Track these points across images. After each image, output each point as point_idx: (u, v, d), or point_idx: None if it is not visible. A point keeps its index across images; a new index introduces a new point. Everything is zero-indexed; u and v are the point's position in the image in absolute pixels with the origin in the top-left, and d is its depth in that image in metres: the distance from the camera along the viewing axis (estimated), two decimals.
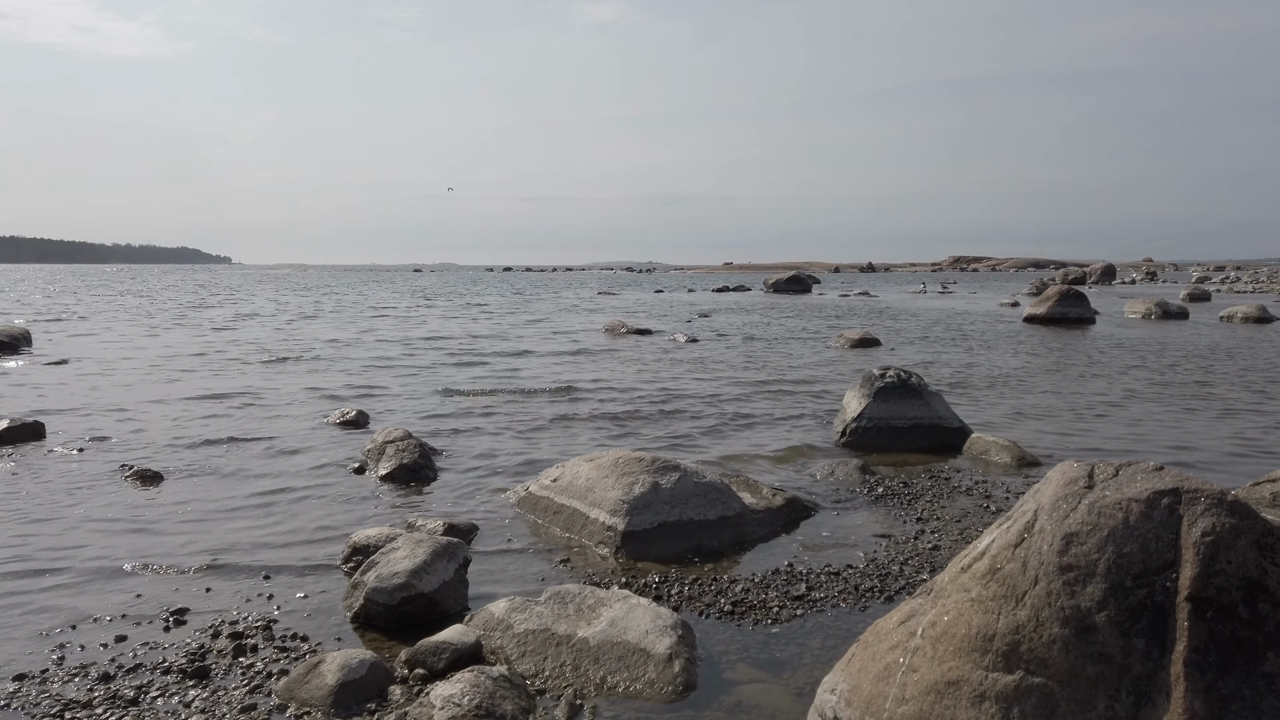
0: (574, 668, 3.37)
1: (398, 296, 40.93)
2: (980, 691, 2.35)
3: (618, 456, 5.41)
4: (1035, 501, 2.59)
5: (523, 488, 5.85)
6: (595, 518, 5.03)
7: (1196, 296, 32.52)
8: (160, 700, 3.21)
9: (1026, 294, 38.02)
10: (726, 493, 5.28)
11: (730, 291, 46.62)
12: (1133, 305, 24.90)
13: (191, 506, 5.70)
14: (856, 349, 15.97)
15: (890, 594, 4.21)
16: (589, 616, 3.59)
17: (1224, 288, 45.17)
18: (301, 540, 5.04)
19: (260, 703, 3.19)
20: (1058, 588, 2.36)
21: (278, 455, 7.17)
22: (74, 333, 19.29)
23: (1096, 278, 57.80)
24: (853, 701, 2.60)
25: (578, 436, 7.98)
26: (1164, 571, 2.30)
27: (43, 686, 3.31)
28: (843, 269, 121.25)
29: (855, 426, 7.51)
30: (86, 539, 5.03)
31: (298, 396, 10.19)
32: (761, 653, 3.61)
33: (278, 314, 26.94)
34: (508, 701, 3.02)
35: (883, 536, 5.11)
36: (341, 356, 14.62)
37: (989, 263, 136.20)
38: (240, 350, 15.51)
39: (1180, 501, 2.38)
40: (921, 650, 2.52)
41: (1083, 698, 2.25)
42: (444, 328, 21.44)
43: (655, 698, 3.20)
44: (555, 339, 18.34)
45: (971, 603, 2.50)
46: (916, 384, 7.77)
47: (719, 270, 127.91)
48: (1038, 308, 21.79)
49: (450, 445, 7.53)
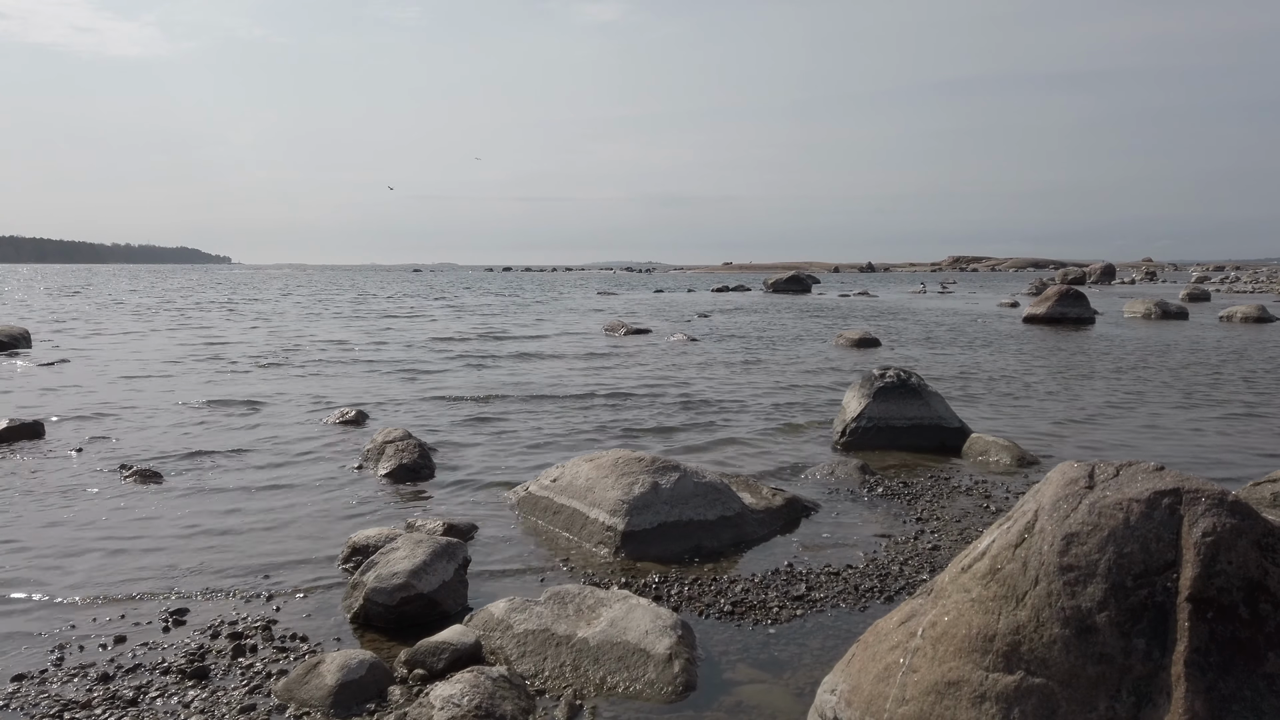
0: (574, 668, 3.37)
1: (397, 296, 40.92)
2: (981, 692, 2.34)
3: (617, 457, 5.40)
4: (1035, 502, 2.59)
5: (522, 488, 5.84)
6: (595, 518, 5.02)
7: (1196, 296, 32.52)
8: (159, 701, 3.21)
9: (1026, 294, 38.03)
10: (726, 493, 5.27)
11: (730, 291, 46.63)
12: (1132, 305, 24.90)
13: (190, 506, 5.70)
14: (856, 349, 15.97)
15: (890, 594, 4.21)
16: (589, 617, 3.58)
17: (1223, 288, 45.19)
18: (300, 540, 5.04)
19: (260, 703, 3.18)
20: (1058, 588, 2.35)
21: (277, 455, 7.16)
22: (73, 333, 19.28)
23: (1096, 278, 57.82)
24: (853, 702, 2.60)
25: (577, 436, 7.98)
26: (1165, 572, 2.29)
27: (42, 687, 3.31)
28: (842, 269, 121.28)
29: (855, 426, 7.51)
30: (85, 539, 5.02)
31: (297, 396, 10.19)
32: (761, 653, 3.60)
33: (277, 314, 26.93)
34: (507, 702, 3.02)
35: (882, 536, 5.10)
36: (341, 356, 14.61)
37: (988, 263, 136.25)
38: (239, 351, 15.51)
39: (1181, 502, 2.38)
40: (922, 650, 2.52)
41: (1083, 698, 2.25)
42: (442, 328, 21.44)
43: (655, 698, 3.19)
44: (554, 339, 18.34)
45: (972, 603, 2.50)
46: (916, 384, 7.77)
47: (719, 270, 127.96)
48: (1037, 308, 21.79)
49: (449, 445, 7.52)
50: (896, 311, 27.91)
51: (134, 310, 28.21)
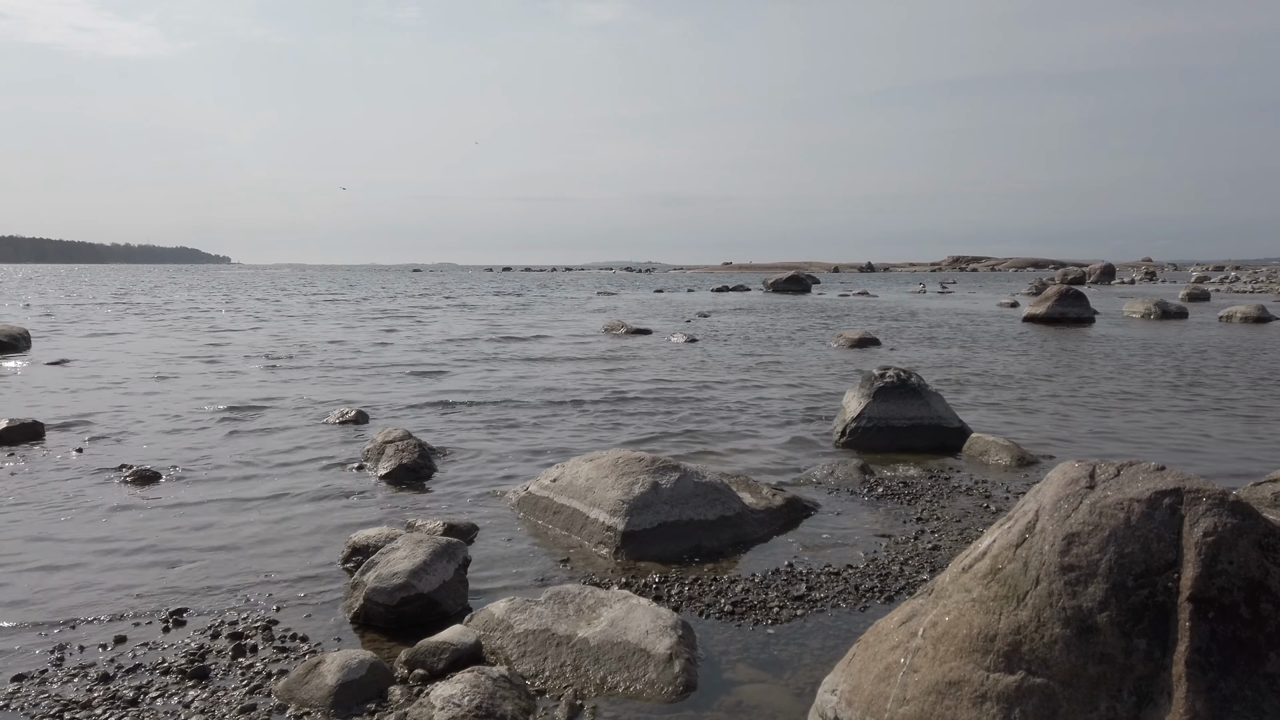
0: (574, 668, 3.37)
1: (397, 296, 40.92)
2: (981, 692, 2.34)
3: (617, 456, 5.40)
4: (1036, 502, 2.59)
5: (523, 488, 5.84)
6: (595, 518, 5.02)
7: (1196, 296, 32.53)
8: (160, 701, 3.21)
9: (1026, 294, 38.04)
10: (726, 493, 5.27)
11: (730, 291, 46.63)
12: (1132, 305, 24.91)
13: (190, 506, 5.69)
14: (856, 349, 15.96)
15: (890, 594, 4.21)
16: (589, 617, 3.58)
17: (1223, 288, 45.19)
18: (301, 540, 5.04)
19: (260, 703, 3.18)
20: (1059, 588, 2.35)
21: (277, 454, 7.16)
22: (73, 333, 19.27)
23: (1095, 277, 57.82)
24: (853, 702, 2.60)
25: (577, 436, 7.98)
26: (1166, 572, 2.29)
27: (42, 687, 3.31)
28: (842, 269, 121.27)
29: (855, 426, 7.51)
30: (84, 539, 5.02)
31: (297, 396, 10.18)
32: (762, 653, 3.60)
33: (278, 315, 26.93)
34: (508, 702, 3.02)
35: (883, 536, 5.10)
36: (341, 356, 14.61)
37: (988, 263, 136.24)
38: (239, 351, 15.51)
39: (1182, 501, 2.38)
40: (922, 650, 2.52)
41: (1084, 698, 2.24)
42: (442, 328, 21.44)
43: (655, 698, 3.19)
44: (553, 339, 18.34)
45: (973, 603, 2.49)
46: (916, 384, 7.77)
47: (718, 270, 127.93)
48: (1037, 308, 21.79)
49: (449, 445, 7.52)
50: (896, 312, 27.91)
51: (133, 310, 28.20)
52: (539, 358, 14.56)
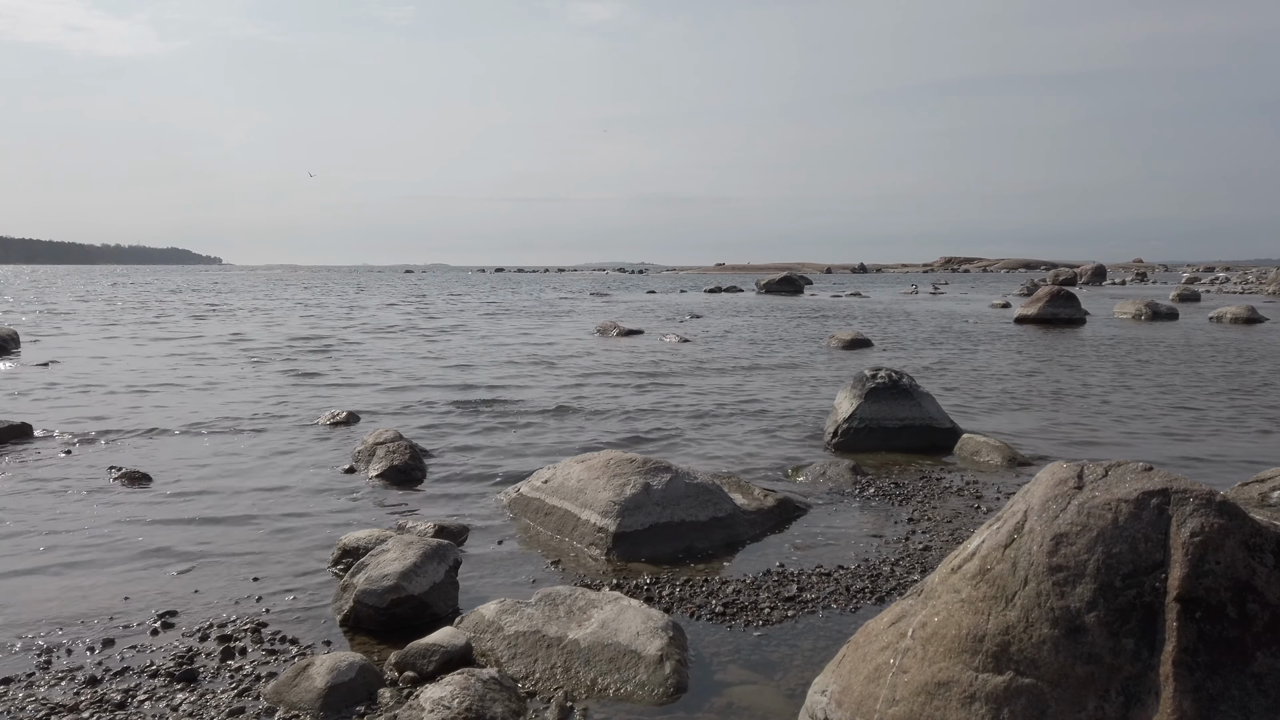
0: (565, 670, 3.36)
1: (389, 297, 40.82)
2: (970, 692, 2.35)
3: (609, 458, 5.40)
4: (1025, 502, 2.59)
5: (514, 489, 5.83)
6: (586, 519, 5.01)
7: (1186, 297, 32.66)
8: (147, 704, 3.19)
9: (1017, 294, 38.13)
10: (718, 494, 5.27)
11: (722, 292, 46.64)
12: (1123, 306, 25.00)
13: (179, 507, 5.67)
14: (848, 350, 15.99)
15: (882, 595, 4.21)
16: (580, 618, 3.57)
17: (1213, 288, 45.41)
18: (290, 542, 5.02)
19: (248, 706, 3.17)
20: (1047, 588, 2.36)
21: (267, 455, 7.13)
22: (62, 334, 19.17)
23: (1087, 278, 58.04)
24: (843, 703, 2.60)
25: (569, 437, 7.97)
26: (1153, 572, 2.30)
27: (29, 690, 3.28)
28: (835, 270, 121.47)
29: (847, 427, 7.52)
30: (73, 540, 4.99)
31: (288, 397, 10.15)
32: (753, 654, 3.60)
33: (269, 315, 26.84)
34: (498, 704, 3.01)
35: (874, 537, 5.11)
36: (334, 357, 14.57)
37: (980, 263, 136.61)
38: (230, 351, 15.45)
39: (1169, 502, 2.39)
40: (912, 651, 2.52)
41: (1072, 698, 2.25)
42: (433, 330, 21.39)
43: (646, 700, 3.19)
44: (547, 340, 18.32)
45: (962, 603, 2.50)
46: (908, 384, 7.78)
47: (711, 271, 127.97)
48: (1029, 308, 21.86)
49: (440, 447, 7.50)
50: (889, 312, 27.96)
51: (124, 311, 28.07)
52: (531, 359, 14.54)
